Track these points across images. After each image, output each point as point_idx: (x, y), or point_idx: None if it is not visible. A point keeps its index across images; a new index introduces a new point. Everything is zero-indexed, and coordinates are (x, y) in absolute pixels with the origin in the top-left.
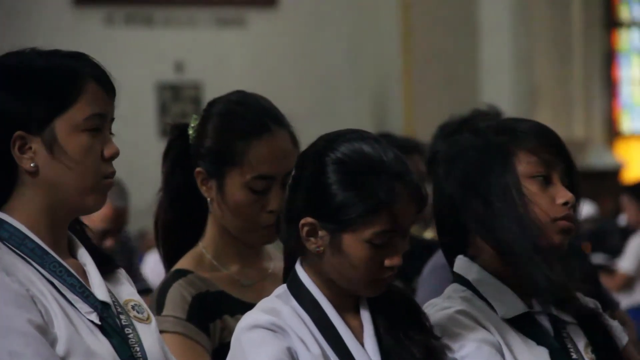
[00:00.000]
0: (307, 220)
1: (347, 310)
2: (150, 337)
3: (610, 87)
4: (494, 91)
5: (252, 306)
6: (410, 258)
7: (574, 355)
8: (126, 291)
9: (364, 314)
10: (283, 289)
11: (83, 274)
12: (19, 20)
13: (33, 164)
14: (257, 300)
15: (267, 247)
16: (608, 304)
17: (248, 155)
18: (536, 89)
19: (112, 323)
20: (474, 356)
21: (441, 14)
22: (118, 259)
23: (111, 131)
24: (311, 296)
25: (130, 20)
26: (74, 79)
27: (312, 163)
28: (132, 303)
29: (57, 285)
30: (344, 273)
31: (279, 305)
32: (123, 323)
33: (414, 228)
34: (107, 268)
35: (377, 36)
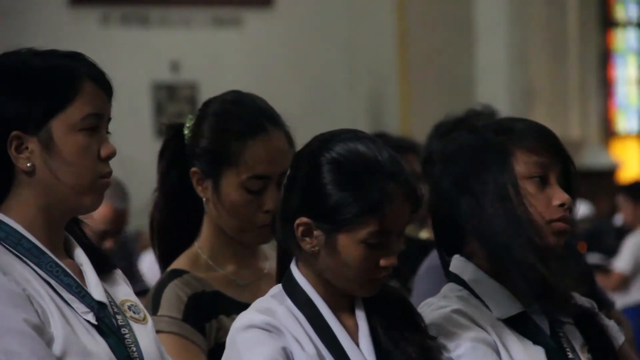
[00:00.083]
0: (302, 220)
1: (342, 310)
2: (146, 338)
3: (606, 87)
4: (490, 91)
5: (248, 306)
6: (405, 258)
7: (570, 354)
8: (123, 291)
9: (359, 314)
10: (278, 289)
11: (79, 274)
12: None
13: (30, 164)
14: (253, 300)
15: (263, 247)
16: (603, 304)
17: (244, 155)
18: (532, 89)
19: (109, 323)
20: (470, 355)
21: (437, 14)
22: (117, 260)
23: (108, 131)
24: (306, 296)
25: (126, 20)
26: (71, 79)
27: (307, 163)
28: (129, 303)
29: (54, 285)
30: (339, 273)
31: (274, 305)
32: (119, 323)
33: (410, 228)
34: (104, 268)
35: (373, 36)
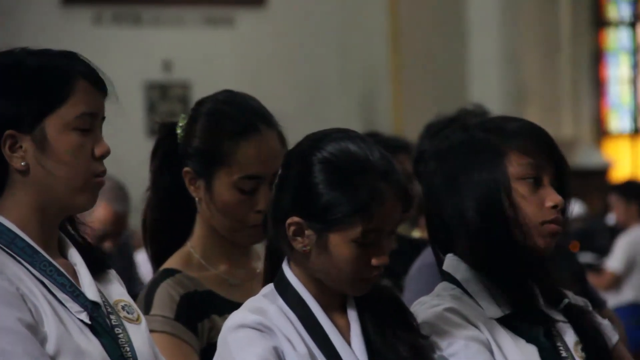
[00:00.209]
0: (294, 219)
1: (334, 309)
2: (140, 337)
3: (598, 87)
4: (482, 90)
5: (240, 306)
6: (398, 257)
7: (564, 353)
8: (116, 291)
9: (351, 313)
10: (270, 288)
11: (73, 274)
12: (7, 19)
13: (24, 163)
14: (245, 299)
15: (256, 247)
16: (595, 303)
17: (236, 155)
18: (524, 88)
19: (102, 323)
20: (463, 353)
21: (429, 14)
22: (116, 262)
23: (102, 130)
24: (298, 295)
25: (118, 19)
26: (65, 78)
27: (299, 162)
28: (122, 303)
29: (47, 284)
30: (331, 272)
31: (266, 304)
32: (113, 323)
33: (402, 227)
34: (98, 268)
35: (366, 35)
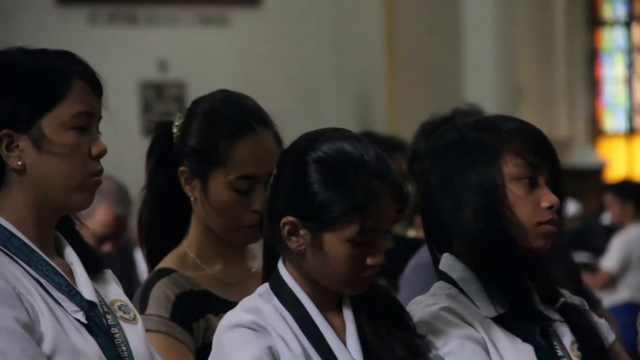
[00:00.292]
0: (288, 219)
1: (330, 308)
2: (136, 337)
3: (593, 86)
4: (478, 90)
5: (236, 305)
6: (394, 256)
7: (560, 352)
8: (113, 291)
9: (347, 313)
10: (265, 288)
11: (70, 273)
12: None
13: (20, 162)
14: (241, 299)
15: (251, 247)
16: (590, 302)
17: (232, 155)
18: (519, 88)
19: (99, 322)
20: (458, 352)
21: (424, 14)
22: (117, 263)
23: (98, 129)
24: (293, 295)
25: (113, 18)
26: (61, 77)
27: (293, 162)
28: (119, 303)
29: (44, 283)
30: (326, 272)
31: (261, 304)
32: (109, 323)
33: (398, 226)
34: (95, 268)
35: (361, 35)
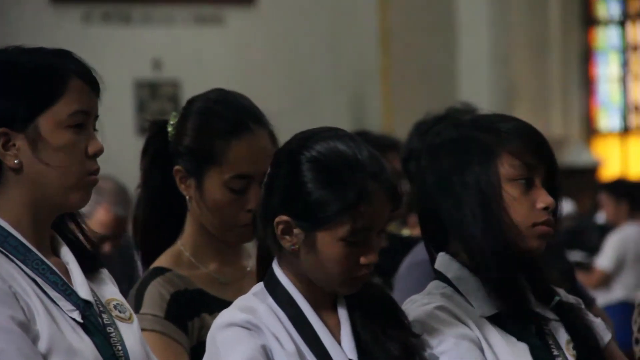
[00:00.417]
0: (282, 218)
1: (324, 308)
2: (132, 336)
3: (587, 85)
4: (472, 89)
5: (231, 304)
6: (388, 255)
7: (555, 351)
8: (108, 290)
9: (341, 312)
10: (260, 287)
11: (65, 272)
12: None
13: (17, 161)
14: (236, 298)
15: (246, 246)
16: (584, 301)
17: (227, 154)
18: (514, 87)
19: (94, 321)
20: (452, 351)
21: (419, 12)
22: (117, 263)
23: (95, 128)
24: (288, 294)
25: (107, 18)
26: (58, 76)
27: (287, 161)
28: (114, 302)
29: (40, 282)
30: (320, 271)
31: (256, 303)
32: (105, 322)
33: (392, 225)
34: (91, 267)
35: (356, 34)
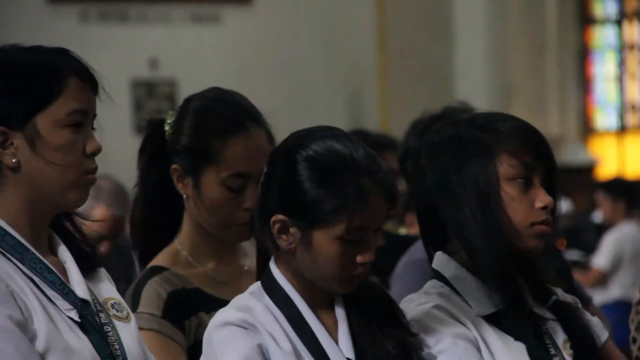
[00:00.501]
0: (278, 217)
1: (322, 307)
2: (129, 335)
3: (584, 84)
4: (469, 87)
5: (228, 303)
6: (385, 254)
7: (552, 351)
8: (106, 289)
9: (339, 311)
10: (257, 286)
11: (63, 271)
12: None
13: (15, 160)
14: (233, 297)
15: (244, 245)
16: (581, 300)
17: (224, 153)
18: (511, 86)
19: (92, 320)
20: (450, 351)
21: (416, 10)
22: (115, 263)
23: (93, 127)
24: (285, 293)
25: (104, 17)
26: (56, 75)
27: (283, 160)
28: (112, 301)
29: (37, 281)
30: (316, 270)
31: (252, 302)
32: (102, 321)
33: (389, 224)
34: (88, 266)
35: (352, 33)
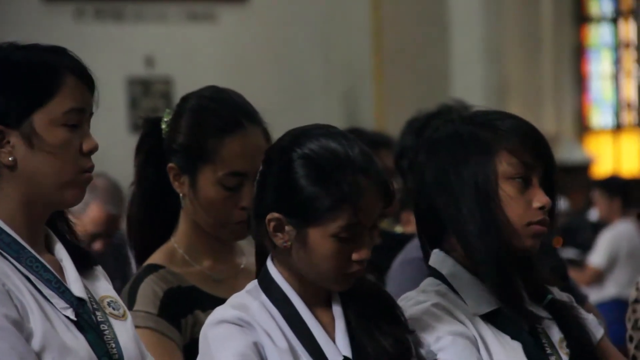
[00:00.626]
0: (273, 215)
1: (319, 305)
2: (125, 334)
3: (580, 82)
4: (465, 85)
5: (224, 301)
6: (381, 252)
7: (548, 350)
8: (102, 287)
9: (336, 309)
10: (254, 285)
11: (59, 270)
12: None
13: (11, 158)
14: (229, 295)
15: (240, 243)
16: (576, 298)
17: (221, 152)
18: (506, 84)
19: (88, 319)
20: (450, 349)
21: (411, 9)
22: (110, 261)
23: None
24: (281, 291)
25: (100, 15)
26: (53, 73)
27: (279, 158)
28: (108, 299)
29: (33, 280)
30: (312, 268)
31: (249, 300)
32: (99, 319)
33: (385, 222)
34: (84, 264)
35: (348, 31)
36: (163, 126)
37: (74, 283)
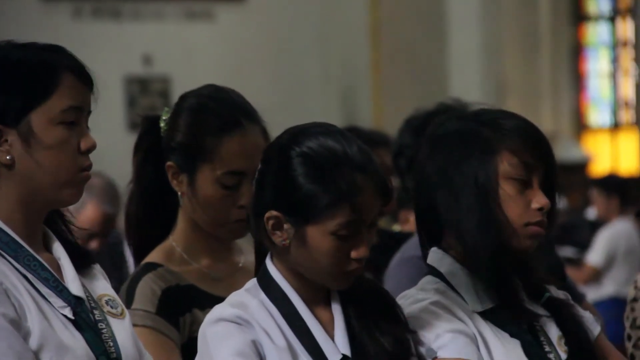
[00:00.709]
0: (272, 213)
1: (318, 303)
2: (123, 332)
3: (577, 81)
4: (463, 84)
5: (223, 300)
6: (379, 251)
7: (547, 347)
8: (100, 286)
9: (335, 307)
10: (253, 283)
11: (57, 269)
12: None
13: (9, 157)
14: (228, 294)
15: (238, 241)
16: (574, 297)
17: (219, 150)
18: (504, 82)
19: (86, 318)
20: (450, 346)
21: (409, 7)
22: (107, 260)
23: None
24: (280, 290)
25: (98, 13)
26: (51, 72)
27: (277, 157)
28: (106, 298)
29: (31, 279)
30: (311, 266)
31: (247, 298)
32: (97, 318)
33: (383, 221)
34: (83, 263)
35: (346, 29)
36: (162, 124)
37: (72, 282)
